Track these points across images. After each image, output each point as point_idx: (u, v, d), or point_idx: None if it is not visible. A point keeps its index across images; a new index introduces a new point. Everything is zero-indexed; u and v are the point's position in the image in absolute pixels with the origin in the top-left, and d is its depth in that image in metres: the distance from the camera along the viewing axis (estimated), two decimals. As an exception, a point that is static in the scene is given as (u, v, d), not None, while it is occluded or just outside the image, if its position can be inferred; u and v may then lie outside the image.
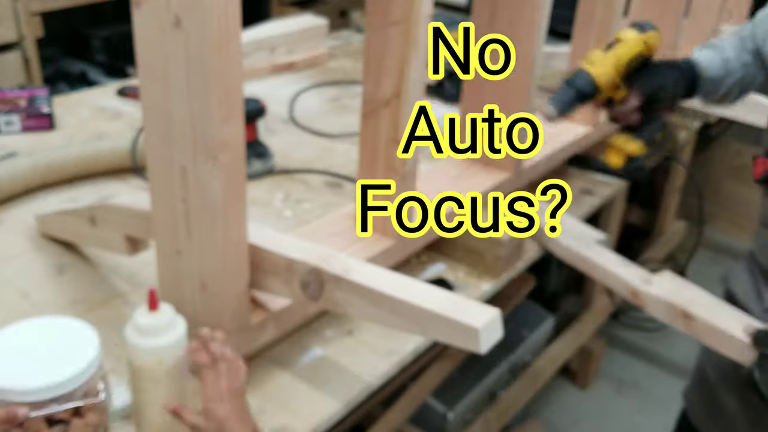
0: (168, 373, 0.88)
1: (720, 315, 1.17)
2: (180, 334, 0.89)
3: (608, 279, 1.34)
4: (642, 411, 2.37)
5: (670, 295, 1.23)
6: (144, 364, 0.87)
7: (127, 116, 1.81)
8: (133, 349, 0.87)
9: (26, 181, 1.43)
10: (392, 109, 1.12)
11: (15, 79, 2.32)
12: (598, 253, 1.37)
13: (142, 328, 0.86)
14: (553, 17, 1.37)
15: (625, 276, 1.30)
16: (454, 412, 1.86)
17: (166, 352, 0.87)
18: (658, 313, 1.25)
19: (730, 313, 1.17)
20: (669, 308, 1.23)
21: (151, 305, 0.88)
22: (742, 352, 1.12)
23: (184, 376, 0.90)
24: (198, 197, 0.91)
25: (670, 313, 1.23)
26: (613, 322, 2.63)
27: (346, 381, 1.08)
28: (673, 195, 2.58)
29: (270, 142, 1.64)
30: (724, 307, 1.19)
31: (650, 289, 1.26)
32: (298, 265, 0.96)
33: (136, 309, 0.88)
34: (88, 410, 0.85)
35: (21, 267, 1.25)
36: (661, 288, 1.26)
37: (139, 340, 0.87)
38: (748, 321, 1.14)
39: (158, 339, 0.87)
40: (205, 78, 0.82)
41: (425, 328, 0.90)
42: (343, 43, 2.45)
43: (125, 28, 2.72)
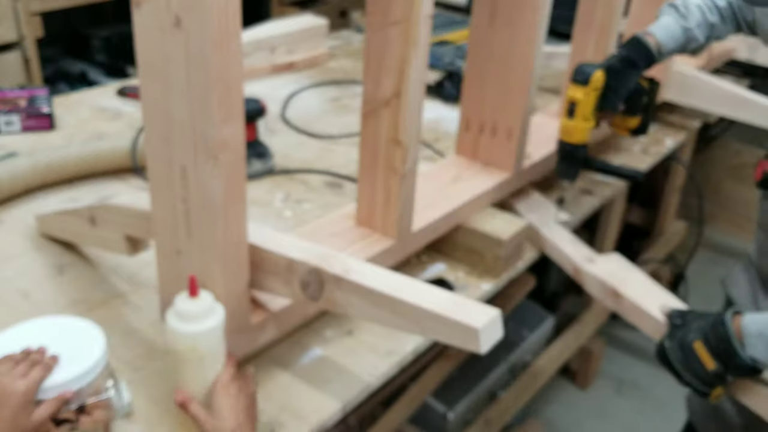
0: (201, 358, 0.89)
1: (646, 296, 1.25)
2: (215, 323, 0.89)
3: (556, 255, 1.41)
4: (642, 411, 2.37)
5: (605, 275, 1.31)
6: (179, 348, 0.89)
7: (127, 116, 1.81)
8: (170, 333, 0.89)
9: (26, 181, 1.43)
10: (392, 109, 1.12)
11: (15, 79, 2.32)
12: (551, 230, 1.43)
13: (180, 313, 0.87)
14: (553, 17, 1.37)
15: (571, 253, 1.37)
16: (454, 412, 1.86)
17: (199, 338, 0.88)
18: (593, 291, 1.33)
19: (657, 296, 1.25)
20: (602, 287, 1.31)
21: (191, 292, 0.88)
22: (659, 331, 1.19)
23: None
24: (198, 197, 0.91)
25: (602, 291, 1.31)
26: (613, 322, 2.63)
27: (346, 381, 1.08)
28: (673, 195, 2.58)
29: (270, 142, 1.64)
30: (654, 289, 1.27)
31: (590, 268, 1.33)
32: (298, 265, 0.96)
33: (178, 295, 0.90)
34: (95, 408, 0.86)
35: (21, 267, 1.25)
36: (600, 267, 1.33)
37: (176, 325, 0.88)
38: (668, 303, 1.21)
39: (193, 325, 0.88)
40: (205, 78, 0.82)
41: (425, 329, 0.90)
42: (343, 43, 2.45)
43: (125, 28, 2.73)
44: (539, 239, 1.44)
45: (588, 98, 1.31)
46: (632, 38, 1.33)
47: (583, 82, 1.31)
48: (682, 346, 1.10)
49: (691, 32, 1.34)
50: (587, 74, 1.30)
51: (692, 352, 1.09)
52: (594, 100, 1.32)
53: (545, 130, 1.64)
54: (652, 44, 1.31)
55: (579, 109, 1.32)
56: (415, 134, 1.15)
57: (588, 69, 1.31)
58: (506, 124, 1.41)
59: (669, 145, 1.95)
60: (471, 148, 1.48)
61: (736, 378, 1.08)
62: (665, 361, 1.13)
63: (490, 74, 1.39)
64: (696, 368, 1.08)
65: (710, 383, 1.08)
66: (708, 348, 1.07)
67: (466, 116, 1.46)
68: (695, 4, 1.35)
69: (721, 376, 1.07)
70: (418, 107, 1.13)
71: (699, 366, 1.08)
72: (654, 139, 1.97)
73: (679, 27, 1.34)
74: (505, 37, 1.35)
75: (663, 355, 1.14)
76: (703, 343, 1.08)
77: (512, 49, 1.35)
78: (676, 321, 1.14)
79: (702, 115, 2.08)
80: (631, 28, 1.88)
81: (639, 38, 1.32)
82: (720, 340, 1.05)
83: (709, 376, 1.07)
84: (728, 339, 1.04)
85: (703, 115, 2.08)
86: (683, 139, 2.05)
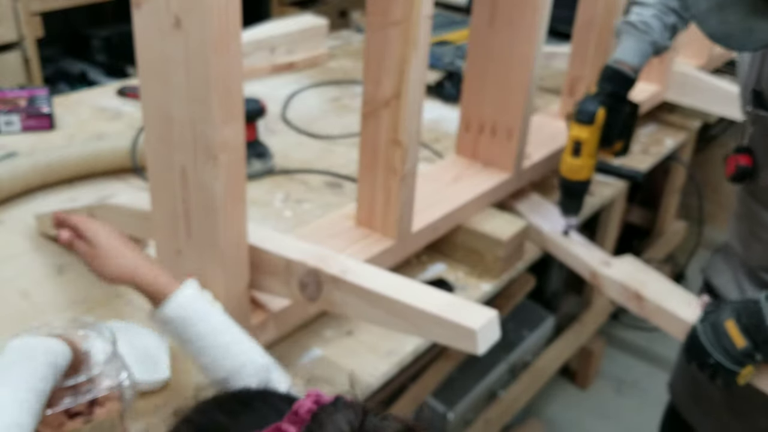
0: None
1: (670, 298, 1.26)
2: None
3: (570, 260, 1.40)
4: (642, 411, 2.37)
5: (625, 278, 1.31)
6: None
7: (127, 116, 1.81)
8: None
9: (26, 181, 1.43)
10: (392, 110, 1.12)
11: (15, 79, 2.31)
12: (562, 235, 1.43)
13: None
14: (553, 17, 1.38)
15: (586, 258, 1.36)
16: (454, 412, 1.86)
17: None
18: (613, 295, 1.33)
19: (680, 297, 1.26)
20: (623, 290, 1.30)
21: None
22: (684, 332, 1.21)
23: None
24: (198, 197, 0.91)
25: (624, 294, 1.31)
26: (613, 322, 2.63)
27: (346, 381, 1.08)
28: (673, 195, 2.58)
29: (270, 142, 1.64)
30: (675, 290, 1.28)
31: (608, 271, 1.33)
32: (297, 266, 0.96)
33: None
34: (108, 399, 0.86)
35: (21, 267, 1.26)
36: (618, 270, 1.33)
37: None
38: (691, 302, 1.25)
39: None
40: (205, 78, 0.82)
41: (422, 329, 0.90)
42: (343, 43, 2.45)
43: (125, 28, 2.72)
44: (547, 243, 1.44)
45: (593, 137, 1.35)
46: (608, 71, 1.36)
47: (589, 122, 1.34)
48: (714, 325, 1.16)
49: (657, 43, 1.38)
50: (591, 114, 1.33)
51: (724, 330, 1.14)
52: (598, 137, 1.36)
53: (545, 130, 1.64)
54: (628, 71, 1.36)
55: (585, 148, 1.35)
56: (415, 134, 1.15)
57: (590, 108, 1.33)
58: (506, 124, 1.41)
59: (669, 145, 1.95)
60: (471, 149, 1.48)
61: (765, 357, 1.13)
62: (695, 344, 1.17)
63: (490, 74, 1.39)
64: (726, 346, 1.13)
65: (740, 361, 1.13)
66: (739, 326, 1.13)
67: (466, 116, 1.46)
68: (650, 15, 1.38)
69: (750, 354, 1.12)
70: (418, 107, 1.13)
71: (729, 344, 1.13)
72: (654, 139, 1.97)
73: (645, 43, 1.37)
74: (505, 37, 1.35)
75: (693, 340, 1.18)
76: (735, 322, 1.13)
77: (512, 49, 1.35)
78: (710, 308, 1.20)
79: (702, 115, 2.08)
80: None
81: (616, 69, 1.36)
82: (752, 315, 1.11)
83: (738, 354, 1.12)
84: (759, 313, 1.10)
85: (703, 115, 2.08)
86: (683, 139, 2.05)
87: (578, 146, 1.35)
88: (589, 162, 1.37)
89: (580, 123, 1.34)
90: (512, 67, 1.36)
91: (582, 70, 1.65)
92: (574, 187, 1.40)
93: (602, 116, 1.34)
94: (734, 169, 1.22)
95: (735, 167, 1.21)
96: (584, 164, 1.37)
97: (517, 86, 1.37)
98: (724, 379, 1.15)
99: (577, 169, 1.37)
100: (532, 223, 1.45)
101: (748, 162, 1.20)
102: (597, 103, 1.34)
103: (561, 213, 1.44)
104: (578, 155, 1.36)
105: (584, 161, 1.36)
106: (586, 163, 1.37)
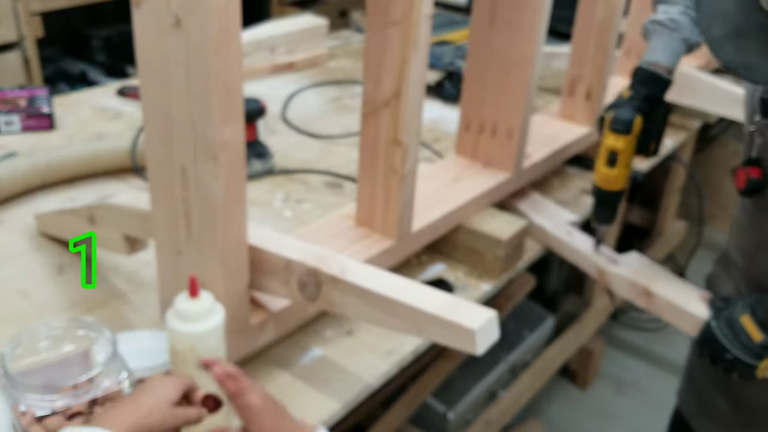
0: (201, 359, 0.88)
1: (679, 293, 1.26)
2: (215, 324, 0.88)
3: (576, 258, 1.39)
4: (642, 411, 2.37)
5: (633, 274, 1.31)
6: (179, 348, 0.88)
7: (127, 116, 1.81)
8: (170, 333, 0.88)
9: (26, 181, 1.43)
10: (392, 109, 1.12)
11: (15, 79, 2.32)
12: (567, 233, 1.42)
13: (180, 313, 0.87)
14: (553, 17, 1.37)
15: (593, 255, 1.36)
16: (454, 412, 1.86)
17: (199, 338, 0.87)
18: (622, 291, 1.33)
19: (689, 292, 1.26)
20: (632, 286, 1.30)
21: (191, 292, 0.88)
22: (696, 327, 1.22)
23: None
24: (198, 197, 0.91)
25: (632, 291, 1.31)
26: (613, 322, 2.63)
27: (346, 381, 1.08)
28: (673, 195, 2.58)
29: (270, 142, 1.64)
30: (684, 286, 1.28)
31: (615, 269, 1.33)
32: (296, 266, 0.96)
33: (178, 295, 0.89)
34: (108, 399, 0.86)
35: (21, 267, 1.25)
36: (625, 267, 1.33)
37: (176, 325, 0.87)
38: (703, 296, 1.25)
39: (193, 326, 0.87)
40: (205, 78, 0.82)
41: (421, 330, 0.90)
42: (343, 43, 2.45)
43: (125, 28, 2.72)
44: (552, 241, 1.43)
45: (629, 146, 1.28)
46: (641, 73, 1.29)
47: (625, 132, 1.27)
48: (729, 321, 1.17)
49: (689, 39, 1.32)
50: (629, 123, 1.26)
51: (740, 326, 1.15)
52: (634, 146, 1.29)
53: (545, 130, 1.64)
54: (662, 73, 1.29)
55: (621, 158, 1.29)
56: (415, 134, 1.15)
57: (627, 116, 1.26)
58: (506, 124, 1.41)
59: (669, 145, 1.95)
60: (471, 148, 1.48)
61: None
62: (710, 341, 1.18)
63: (490, 74, 1.39)
64: (744, 341, 1.14)
65: (758, 355, 1.14)
66: (755, 320, 1.14)
67: (466, 116, 1.46)
68: (678, 12, 1.33)
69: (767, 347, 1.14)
70: (418, 107, 1.13)
71: (747, 338, 1.14)
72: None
73: (676, 41, 1.32)
74: (505, 37, 1.35)
75: (708, 336, 1.19)
76: (751, 317, 1.14)
77: (512, 49, 1.35)
78: (719, 304, 1.21)
79: (702, 115, 2.08)
80: (631, 28, 1.89)
81: (650, 72, 1.29)
82: (767, 310, 1.12)
83: (757, 348, 1.13)
84: None
85: (703, 115, 2.08)
86: (683, 139, 2.05)
87: (614, 156, 1.29)
88: (625, 171, 1.31)
89: (615, 132, 1.27)
90: (512, 67, 1.36)
91: (582, 70, 1.65)
92: (609, 197, 1.34)
93: (639, 124, 1.27)
94: (746, 183, 1.18)
95: (746, 181, 1.17)
96: (620, 174, 1.30)
97: (517, 86, 1.37)
98: (742, 373, 1.16)
99: (612, 180, 1.31)
100: (535, 221, 1.45)
101: (759, 175, 1.16)
102: (633, 110, 1.27)
103: (593, 221, 1.38)
104: (613, 165, 1.29)
105: (620, 171, 1.30)
106: (622, 173, 1.30)
